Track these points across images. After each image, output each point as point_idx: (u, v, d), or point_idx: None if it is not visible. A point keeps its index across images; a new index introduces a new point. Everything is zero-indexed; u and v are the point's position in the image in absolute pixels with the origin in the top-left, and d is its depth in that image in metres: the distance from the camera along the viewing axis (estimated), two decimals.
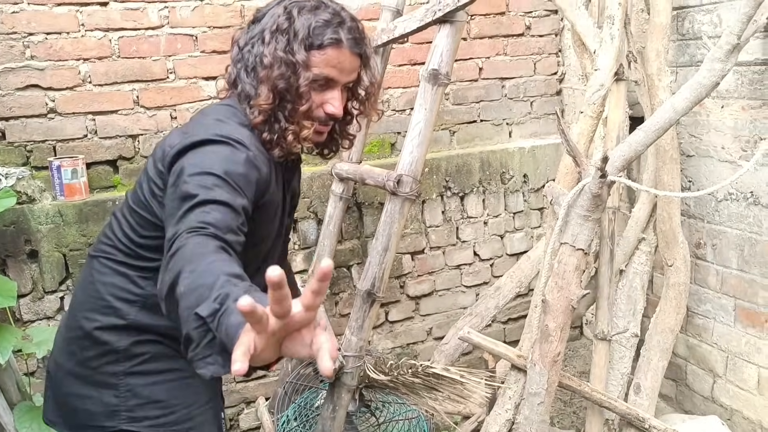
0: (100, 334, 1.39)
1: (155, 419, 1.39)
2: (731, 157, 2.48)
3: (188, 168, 1.22)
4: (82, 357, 1.40)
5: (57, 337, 1.51)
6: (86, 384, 1.40)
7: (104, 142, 2.56)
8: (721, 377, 2.65)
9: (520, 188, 3.17)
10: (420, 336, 3.11)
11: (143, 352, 1.40)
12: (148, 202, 1.36)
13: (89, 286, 1.43)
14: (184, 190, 1.17)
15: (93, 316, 1.40)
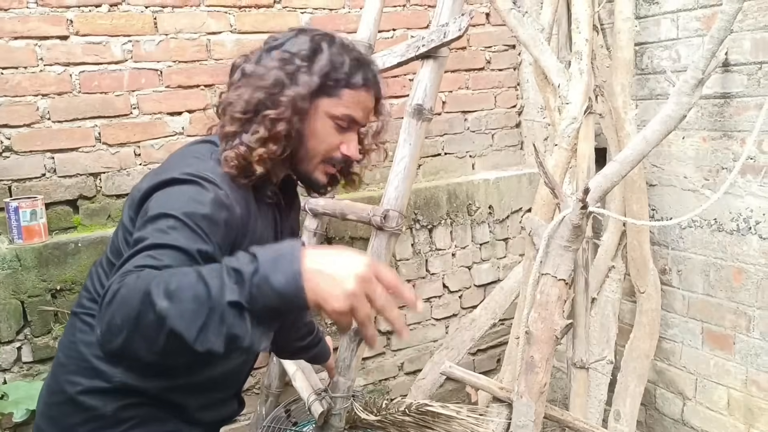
0: (85, 398, 1.27)
1: None
2: (694, 185, 2.58)
3: (150, 211, 1.12)
4: (66, 423, 1.29)
5: (39, 402, 1.39)
6: None
7: (64, 181, 2.44)
8: (691, 399, 2.72)
9: (486, 219, 3.19)
10: (392, 372, 3.06)
11: (132, 416, 1.28)
12: (122, 249, 1.26)
13: (71, 347, 1.31)
14: (137, 237, 1.07)
15: (76, 379, 1.28)
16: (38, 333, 2.30)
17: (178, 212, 1.09)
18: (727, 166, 2.44)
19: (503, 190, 3.21)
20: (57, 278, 2.31)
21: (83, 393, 1.27)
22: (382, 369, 3.03)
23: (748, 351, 2.47)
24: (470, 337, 2.84)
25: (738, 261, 2.46)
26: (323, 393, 2.08)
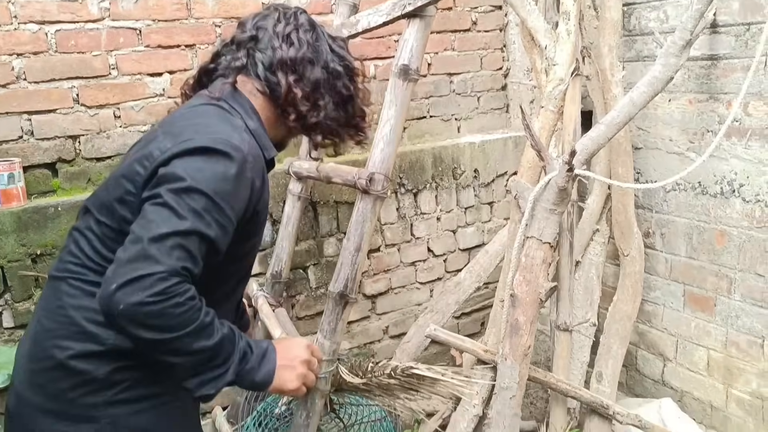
0: (76, 363, 1.26)
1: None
2: (679, 148, 2.57)
3: (179, 179, 1.18)
4: (54, 389, 1.27)
5: (17, 370, 1.35)
6: (60, 419, 1.27)
7: (42, 143, 2.38)
8: (672, 361, 2.76)
9: (471, 183, 3.18)
10: (377, 335, 3.08)
11: (124, 378, 1.28)
12: (115, 210, 1.28)
13: (58, 311, 1.29)
14: (173, 205, 1.15)
15: (66, 344, 1.27)
16: (19, 298, 2.27)
17: (208, 190, 1.18)
18: (712, 129, 2.44)
19: (489, 153, 3.19)
20: (37, 243, 2.27)
21: (74, 357, 1.26)
22: (367, 332, 3.04)
23: (729, 313, 2.50)
24: (455, 301, 2.85)
25: (721, 224, 2.48)
26: None
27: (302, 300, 2.83)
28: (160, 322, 1.12)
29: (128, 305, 1.09)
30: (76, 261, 1.31)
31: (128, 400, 1.29)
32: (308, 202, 2.67)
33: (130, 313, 1.10)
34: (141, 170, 1.25)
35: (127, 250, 1.13)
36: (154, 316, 1.11)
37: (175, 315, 1.12)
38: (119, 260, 1.12)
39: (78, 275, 1.30)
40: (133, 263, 1.10)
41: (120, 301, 1.09)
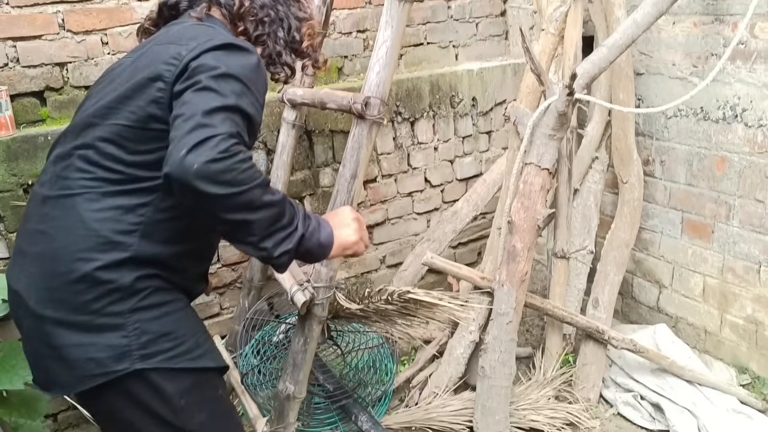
0: (102, 273, 1.29)
1: (168, 352, 1.34)
2: (682, 73, 2.52)
3: (214, 68, 1.25)
4: (77, 302, 1.29)
5: (28, 292, 1.34)
6: (85, 331, 1.30)
7: (28, 71, 2.31)
8: (667, 288, 2.77)
9: (469, 112, 3.13)
10: (374, 265, 3.08)
11: (147, 286, 1.33)
12: (141, 110, 1.31)
13: (78, 226, 1.31)
14: (215, 87, 1.22)
15: (91, 256, 1.29)
16: (12, 228, 2.25)
17: (242, 76, 1.26)
18: (717, 53, 2.38)
19: (487, 81, 3.12)
20: (28, 172, 2.24)
21: (100, 269, 1.29)
22: (363, 262, 3.04)
23: (727, 239, 2.50)
24: (452, 230, 2.84)
25: (722, 150, 2.45)
26: (306, 283, 2.08)
27: None
28: (231, 177, 1.16)
29: (201, 164, 1.14)
30: (89, 176, 1.32)
31: (151, 306, 1.33)
32: (303, 130, 2.63)
33: (203, 171, 1.14)
34: (169, 68, 1.29)
35: (182, 127, 1.18)
36: (223, 171, 1.16)
37: (241, 170, 1.18)
38: (178, 135, 1.17)
39: (95, 188, 1.32)
40: (193, 132, 1.16)
41: (192, 162, 1.14)
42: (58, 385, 1.35)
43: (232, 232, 1.27)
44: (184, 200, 1.20)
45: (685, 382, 2.44)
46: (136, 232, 1.31)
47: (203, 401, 1.42)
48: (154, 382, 1.33)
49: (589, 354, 2.52)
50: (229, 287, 2.72)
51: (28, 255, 1.37)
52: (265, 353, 2.51)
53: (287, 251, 1.29)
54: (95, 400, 1.37)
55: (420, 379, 2.61)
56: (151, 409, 1.34)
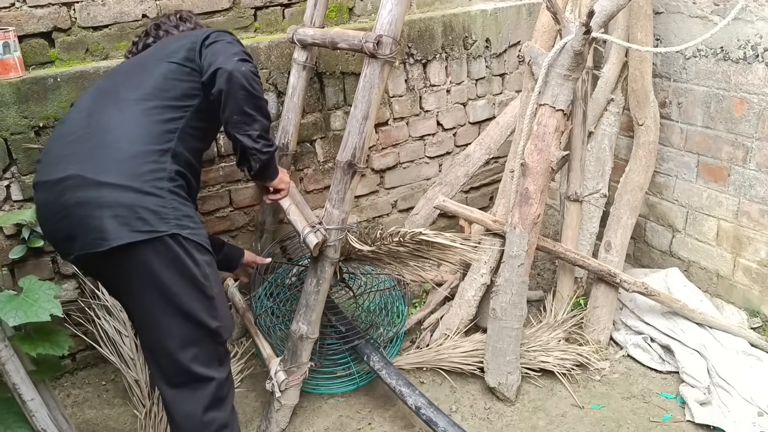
0: (153, 155, 1.67)
1: (192, 229, 1.68)
2: (702, 12, 2.45)
3: (228, 35, 1.87)
4: (133, 172, 1.63)
5: (86, 168, 1.63)
6: (136, 192, 1.61)
7: (35, 11, 2.28)
8: (680, 232, 2.76)
9: (483, 53, 3.07)
10: (385, 209, 3.08)
11: (179, 179, 1.71)
12: (183, 57, 1.80)
13: (136, 122, 1.70)
14: (235, 43, 1.84)
15: (146, 141, 1.68)
16: (25, 171, 2.26)
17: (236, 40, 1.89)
18: None
19: (501, 21, 3.05)
20: (39, 115, 2.23)
21: (153, 152, 1.68)
22: (375, 206, 3.04)
23: (743, 182, 2.47)
24: (464, 173, 2.82)
25: (741, 91, 2.39)
26: (318, 225, 2.08)
27: (310, 174, 2.81)
28: (258, 86, 1.76)
29: (248, 69, 1.73)
30: (142, 93, 1.75)
31: (180, 195, 1.70)
32: (314, 72, 2.59)
33: (247, 74, 1.72)
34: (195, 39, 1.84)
35: (229, 49, 1.77)
36: (257, 81, 1.76)
37: (260, 84, 1.77)
38: (229, 51, 1.76)
39: (148, 103, 1.74)
40: (238, 55, 1.75)
41: (241, 66, 1.72)
42: (108, 239, 1.58)
43: (243, 122, 1.76)
44: (227, 91, 1.71)
45: (695, 324, 2.45)
46: (175, 133, 1.74)
47: (217, 278, 1.77)
48: (187, 247, 1.66)
49: (601, 297, 2.52)
50: (241, 230, 2.73)
51: (77, 152, 1.67)
52: (278, 295, 2.54)
53: (269, 152, 1.84)
54: (133, 256, 1.61)
55: (431, 321, 2.64)
56: (184, 268, 1.65)
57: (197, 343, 1.71)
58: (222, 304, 1.77)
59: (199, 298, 1.68)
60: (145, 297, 1.67)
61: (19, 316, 1.68)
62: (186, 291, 1.66)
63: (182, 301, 1.66)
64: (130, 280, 1.67)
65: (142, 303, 1.69)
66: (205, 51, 1.79)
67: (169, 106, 1.76)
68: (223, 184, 2.61)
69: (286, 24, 2.64)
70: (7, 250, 2.28)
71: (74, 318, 2.35)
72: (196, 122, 1.79)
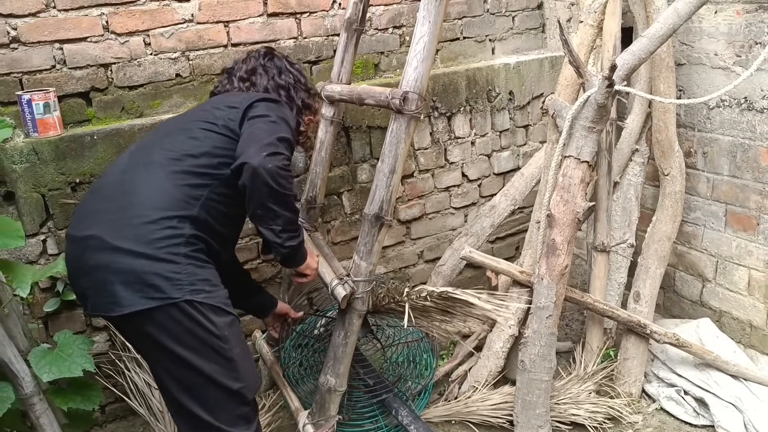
0: (171, 221, 1.68)
1: (209, 293, 1.69)
2: (725, 63, 2.47)
3: (273, 110, 1.87)
4: (149, 238, 1.64)
5: (106, 231, 1.66)
6: (150, 260, 1.63)
7: (74, 72, 2.38)
8: (711, 281, 2.73)
9: (506, 106, 3.12)
10: (412, 260, 3.09)
11: (197, 243, 1.72)
12: (222, 124, 1.83)
13: (159, 187, 1.72)
14: (278, 122, 1.84)
15: (166, 207, 1.69)
16: (61, 225, 2.32)
17: (287, 119, 1.89)
18: (761, 41, 2.33)
19: (524, 74, 3.11)
20: (76, 171, 2.31)
21: (171, 218, 1.68)
22: (401, 257, 3.06)
23: None
24: (490, 224, 2.84)
25: (767, 141, 2.39)
26: (345, 278, 2.10)
27: (337, 225, 2.84)
28: (285, 183, 1.73)
29: (274, 166, 1.69)
30: (174, 156, 1.77)
31: (198, 258, 1.71)
32: (341, 126, 2.65)
33: (272, 171, 1.69)
34: (240, 103, 1.88)
35: (261, 138, 1.74)
36: (284, 177, 1.72)
37: (289, 179, 1.76)
38: (261, 141, 1.73)
39: (176, 167, 1.76)
40: (271, 146, 1.72)
41: (268, 163, 1.69)
42: (121, 305, 1.61)
43: (266, 216, 1.77)
44: (250, 185, 1.70)
45: (730, 377, 2.39)
46: (199, 200, 1.74)
47: (238, 338, 1.77)
48: (203, 311, 1.66)
49: (631, 348, 2.49)
50: (269, 282, 2.76)
51: (104, 210, 1.71)
52: (305, 347, 2.54)
53: (292, 246, 1.85)
54: (149, 323, 1.63)
55: (459, 374, 2.62)
56: (201, 333, 1.65)
57: (220, 404, 1.72)
58: (244, 364, 1.76)
59: (218, 361, 1.69)
60: (163, 362, 1.70)
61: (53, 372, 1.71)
62: (203, 355, 1.67)
63: (200, 365, 1.67)
64: (147, 345, 1.71)
65: (160, 367, 1.72)
66: (245, 126, 1.81)
67: (197, 173, 1.77)
68: (251, 236, 2.65)
69: (314, 80, 2.71)
70: (42, 303, 2.32)
71: (104, 370, 2.37)
72: (225, 189, 1.79)
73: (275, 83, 2.11)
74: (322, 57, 2.76)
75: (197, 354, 1.66)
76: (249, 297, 2.31)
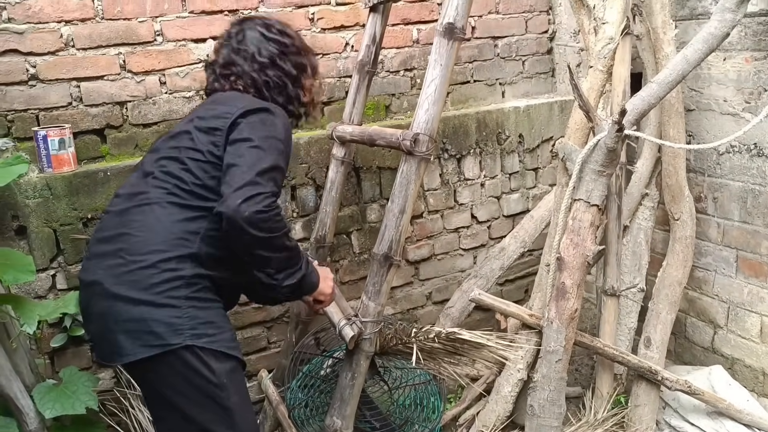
0: (169, 263, 1.61)
1: (212, 336, 1.62)
2: (734, 109, 2.48)
3: (251, 134, 1.66)
4: (146, 283, 1.59)
5: (106, 276, 1.62)
6: (149, 306, 1.57)
7: (90, 110, 2.42)
8: (722, 328, 2.70)
9: (516, 149, 3.14)
10: (420, 301, 3.08)
11: (200, 282, 1.65)
12: (207, 151, 1.69)
13: (155, 226, 1.64)
14: (264, 147, 1.65)
15: (163, 249, 1.62)
16: (72, 261, 2.33)
17: (280, 135, 1.71)
18: None
19: (534, 118, 3.13)
20: (87, 207, 2.33)
21: (169, 260, 1.61)
22: (410, 298, 3.04)
23: None
24: (499, 266, 2.83)
25: None
26: (353, 318, 2.09)
27: (346, 265, 2.84)
28: (268, 226, 1.57)
29: (251, 213, 1.54)
30: (166, 191, 1.68)
31: (200, 298, 1.64)
32: (351, 167, 2.67)
33: (250, 218, 1.54)
34: (223, 121, 1.71)
35: (239, 177, 1.58)
36: (264, 221, 1.56)
37: (276, 221, 1.59)
38: (235, 183, 1.57)
39: (170, 201, 1.67)
40: (247, 186, 1.56)
41: (244, 210, 1.54)
42: (121, 354, 1.58)
43: (256, 263, 1.65)
44: (229, 233, 1.57)
45: (743, 426, 2.35)
46: (198, 234, 1.65)
47: (238, 385, 1.69)
48: (203, 357, 1.60)
49: (642, 395, 2.45)
50: (276, 321, 2.75)
51: (106, 254, 1.66)
52: (311, 387, 2.52)
53: (291, 284, 1.71)
54: (148, 370, 1.60)
55: (467, 418, 2.58)
56: (198, 381, 1.60)
57: None
58: (242, 413, 1.70)
59: (214, 410, 1.64)
60: (159, 408, 1.69)
61: (56, 408, 1.71)
62: (199, 404, 1.63)
63: (194, 413, 1.63)
64: (146, 390, 1.71)
65: (157, 412, 1.71)
66: (226, 156, 1.65)
67: (192, 206, 1.68)
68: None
69: (325, 121, 2.74)
70: (49, 338, 2.31)
71: (109, 407, 2.35)
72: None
73: (258, 64, 1.89)
74: (334, 98, 2.80)
75: (192, 403, 1.62)
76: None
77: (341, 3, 2.76)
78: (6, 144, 2.30)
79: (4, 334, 1.79)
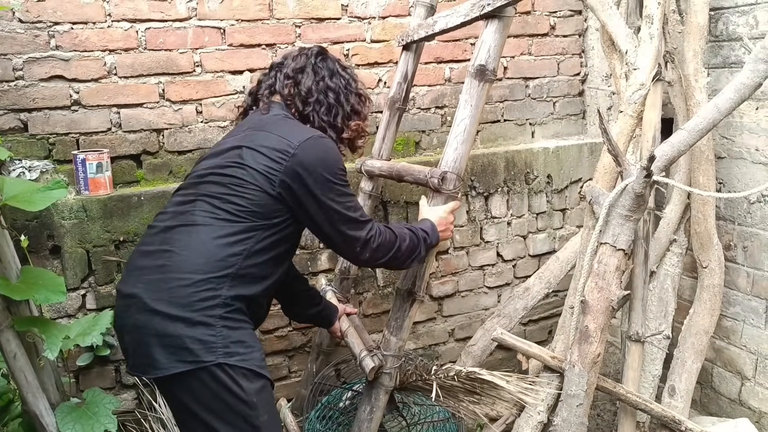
0: (208, 284, 1.66)
1: (243, 355, 1.67)
2: (766, 159, 2.47)
3: (320, 183, 1.78)
4: (185, 302, 1.64)
5: (147, 291, 1.67)
6: (185, 324, 1.63)
7: (128, 135, 2.50)
8: (750, 380, 2.64)
9: (544, 189, 3.14)
10: (442, 337, 3.07)
11: (234, 303, 1.69)
12: (257, 182, 1.74)
13: (199, 247, 1.69)
14: (338, 207, 1.81)
15: (205, 269, 1.67)
16: (102, 282, 2.39)
17: (340, 180, 1.82)
18: None
19: (563, 159, 3.14)
20: (120, 230, 2.39)
21: (210, 280, 1.67)
22: (432, 334, 3.04)
23: None
24: (523, 306, 2.81)
25: None
26: (375, 350, 2.09)
27: (369, 298, 2.85)
28: (382, 254, 1.89)
29: (366, 258, 1.89)
30: (212, 215, 1.73)
31: (234, 318, 1.69)
32: (379, 200, 2.70)
33: (369, 262, 1.91)
34: (280, 160, 1.76)
35: (339, 248, 1.91)
36: (380, 256, 1.89)
37: (384, 246, 1.88)
38: (344, 254, 1.94)
39: (215, 223, 1.72)
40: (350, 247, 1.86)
41: (364, 259, 1.89)
42: (156, 368, 1.63)
43: (388, 267, 2.03)
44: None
45: None
46: (241, 255, 1.71)
47: (268, 404, 1.73)
48: (234, 375, 1.64)
49: None
50: (298, 351, 2.76)
51: (147, 268, 1.72)
52: (330, 418, 2.52)
53: (423, 257, 2.01)
54: (181, 386, 1.64)
55: None
56: (229, 399, 1.63)
57: None
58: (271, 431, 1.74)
59: (243, 428, 1.67)
60: (189, 424, 1.72)
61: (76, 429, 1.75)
62: (228, 422, 1.66)
63: (223, 431, 1.65)
64: (176, 406, 1.74)
65: (186, 430, 1.75)
66: (308, 223, 1.83)
67: (234, 230, 1.72)
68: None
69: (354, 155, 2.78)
70: (75, 356, 2.36)
71: (129, 429, 2.38)
72: (269, 237, 1.75)
73: (324, 85, 1.98)
74: None
75: (222, 420, 1.65)
76: (309, 308, 2.32)
77: (376, 40, 2.82)
78: (47, 166, 2.39)
79: (33, 352, 1.84)
